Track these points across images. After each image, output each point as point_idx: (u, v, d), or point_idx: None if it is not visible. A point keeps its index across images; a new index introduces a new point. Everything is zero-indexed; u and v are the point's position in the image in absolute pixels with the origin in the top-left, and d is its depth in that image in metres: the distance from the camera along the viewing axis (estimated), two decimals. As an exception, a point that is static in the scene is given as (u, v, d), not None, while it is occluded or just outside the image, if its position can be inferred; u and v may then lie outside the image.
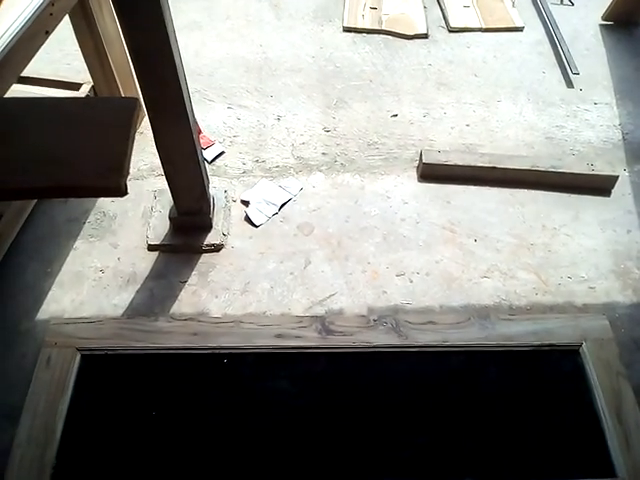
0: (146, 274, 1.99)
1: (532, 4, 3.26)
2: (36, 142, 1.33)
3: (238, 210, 2.20)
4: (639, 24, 3.12)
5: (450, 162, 2.30)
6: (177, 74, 1.57)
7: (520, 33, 3.08)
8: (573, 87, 2.77)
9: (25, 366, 1.71)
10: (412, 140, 2.50)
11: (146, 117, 1.77)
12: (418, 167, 2.36)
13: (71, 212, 2.15)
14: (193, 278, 1.98)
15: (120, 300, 1.91)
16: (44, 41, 1.77)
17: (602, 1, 3.12)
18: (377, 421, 1.63)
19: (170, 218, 2.06)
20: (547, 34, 3.06)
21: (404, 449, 1.58)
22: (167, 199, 2.07)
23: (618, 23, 3.11)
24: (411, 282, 1.99)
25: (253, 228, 2.14)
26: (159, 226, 2.09)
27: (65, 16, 1.90)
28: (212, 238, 2.07)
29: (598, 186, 2.29)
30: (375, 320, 1.83)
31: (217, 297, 1.93)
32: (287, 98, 2.68)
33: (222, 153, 2.42)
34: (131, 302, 1.91)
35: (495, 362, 1.76)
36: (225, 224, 2.12)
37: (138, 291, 1.94)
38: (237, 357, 1.74)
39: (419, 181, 2.33)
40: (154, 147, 1.81)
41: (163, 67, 1.55)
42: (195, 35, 2.98)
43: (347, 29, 3.06)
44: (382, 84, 2.77)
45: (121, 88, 2.28)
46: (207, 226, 2.09)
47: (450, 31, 3.07)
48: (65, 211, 2.15)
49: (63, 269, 1.99)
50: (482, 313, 1.88)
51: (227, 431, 1.60)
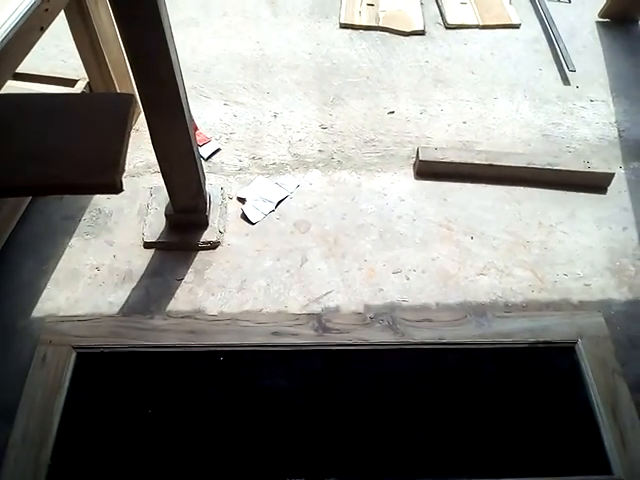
0: (142, 272, 1.98)
1: (529, 1, 3.26)
2: (30, 139, 1.32)
3: (234, 207, 2.19)
4: (636, 21, 3.12)
5: (447, 159, 2.30)
6: (173, 71, 1.56)
7: (517, 30, 3.07)
8: (569, 84, 2.77)
9: (20, 364, 1.70)
10: (409, 137, 2.50)
11: (142, 114, 1.76)
12: (415, 164, 2.36)
13: (67, 209, 2.14)
14: (189, 276, 1.98)
15: (116, 298, 1.91)
16: (39, 37, 1.76)
17: (599, -2, 3.12)
18: (373, 419, 1.63)
19: (166, 215, 2.05)
20: (544, 31, 3.06)
21: (401, 447, 1.58)
22: (163, 196, 2.06)
23: (615, 20, 3.12)
24: (407, 279, 1.99)
25: (249, 225, 2.14)
26: (155, 223, 2.09)
27: (61, 12, 1.89)
28: (208, 235, 2.06)
29: (594, 183, 2.30)
30: (371, 318, 1.82)
31: (213, 295, 1.93)
32: (284, 95, 2.67)
33: (218, 150, 2.41)
34: (127, 300, 1.90)
35: (491, 359, 1.76)
36: (221, 221, 2.12)
37: (134, 289, 1.93)
38: (233, 355, 1.73)
39: (416, 178, 2.33)
40: (150, 144, 1.80)
41: (159, 64, 1.54)
42: (192, 32, 2.97)
43: (344, 26, 3.05)
44: (379, 81, 2.76)
45: (117, 84, 2.27)
46: (203, 223, 2.08)
47: (447, 28, 3.07)
48: (61, 208, 2.14)
49: (58, 267, 1.98)
50: (478, 310, 1.88)
51: (223, 429, 1.60)
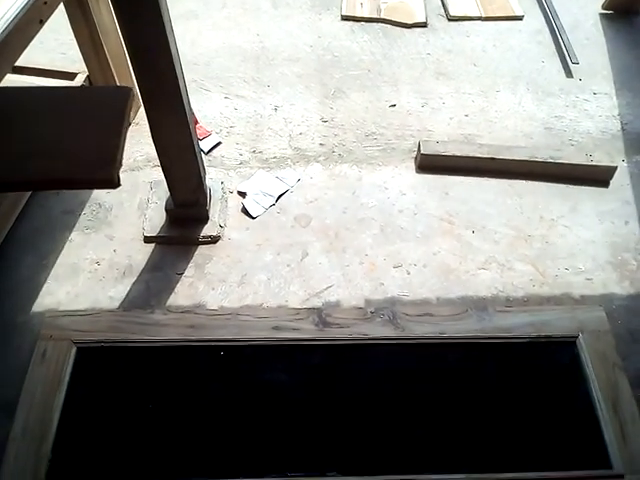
0: (142, 266, 1.98)
1: (532, -8, 3.24)
2: (27, 133, 1.31)
3: (235, 201, 2.18)
4: (639, 13, 3.09)
5: (448, 153, 2.29)
6: (173, 64, 1.55)
7: (520, 22, 3.05)
8: (572, 77, 2.75)
9: (20, 359, 1.70)
10: (410, 130, 2.48)
11: (142, 108, 1.76)
12: (416, 158, 2.35)
13: (66, 204, 2.14)
14: (189, 270, 1.97)
15: (116, 292, 1.90)
16: (38, 30, 1.75)
17: (602, -10, 3.09)
18: (374, 413, 1.63)
19: (166, 210, 2.04)
20: (547, 23, 3.03)
21: (401, 441, 1.58)
22: (163, 190, 2.05)
23: (618, 12, 3.09)
24: (408, 274, 1.99)
25: (250, 220, 2.13)
26: (155, 218, 2.08)
27: (60, 4, 1.88)
28: (209, 230, 2.06)
29: (596, 177, 2.28)
30: (372, 312, 1.82)
31: (214, 289, 1.93)
32: (284, 88, 2.66)
33: (219, 144, 2.40)
34: (127, 294, 1.90)
35: (492, 354, 1.76)
36: (222, 216, 2.11)
37: (134, 283, 1.93)
38: (234, 349, 1.73)
39: (417, 172, 2.32)
40: (150, 138, 1.79)
41: (159, 58, 1.53)
42: (191, 24, 2.95)
43: (345, 18, 3.03)
44: (380, 74, 2.75)
45: (116, 77, 2.25)
46: (204, 218, 2.07)
47: (449, 20, 3.05)
48: (60, 203, 2.14)
49: (58, 261, 1.97)
50: (479, 305, 1.88)
51: (224, 423, 1.60)
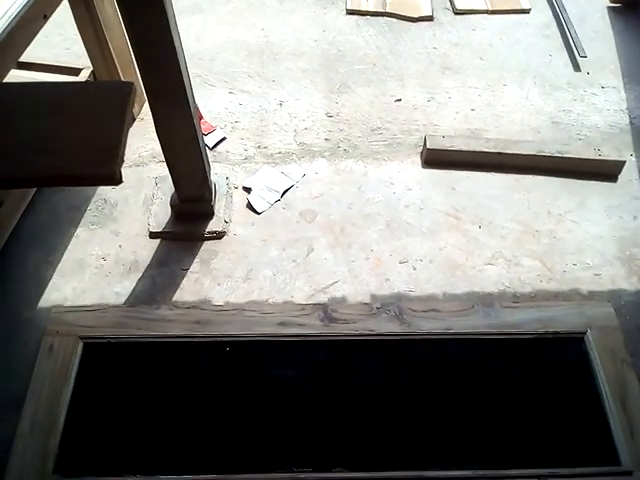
0: (148, 262, 1.97)
1: (539, -15, 3.21)
2: (29, 129, 1.31)
3: (240, 197, 2.18)
4: (648, 6, 3.07)
5: (455, 147, 2.27)
6: (177, 59, 1.55)
7: (527, 15, 3.02)
8: (580, 71, 2.72)
9: (27, 355, 1.71)
10: (416, 125, 2.47)
11: (146, 103, 1.75)
12: (422, 153, 2.33)
13: (72, 200, 2.14)
14: (195, 266, 1.97)
15: (122, 288, 1.90)
16: (42, 25, 1.75)
17: (610, -18, 3.06)
18: (380, 409, 1.62)
19: (171, 205, 2.04)
20: (554, 16, 3.01)
21: (407, 437, 1.58)
22: (168, 186, 2.05)
23: (626, 5, 3.06)
24: (414, 269, 1.98)
25: (255, 215, 2.12)
26: (160, 213, 2.08)
27: (64, 0, 1.88)
28: (214, 225, 2.05)
29: (604, 172, 2.26)
30: (378, 308, 1.81)
31: (219, 285, 1.92)
32: (289, 83, 2.64)
33: (224, 139, 2.39)
34: (133, 290, 1.90)
35: (499, 350, 1.75)
36: (227, 211, 2.11)
37: (140, 279, 1.93)
38: (239, 345, 1.73)
39: (423, 167, 2.31)
40: (155, 133, 1.78)
41: (163, 53, 1.53)
42: (196, 19, 2.94)
43: (350, 12, 3.02)
44: (386, 68, 2.73)
45: (121, 73, 2.25)
46: (209, 213, 2.07)
47: (456, 13, 3.02)
48: (66, 199, 2.14)
49: (64, 257, 1.98)
50: (486, 300, 1.87)
51: (230, 419, 1.60)
